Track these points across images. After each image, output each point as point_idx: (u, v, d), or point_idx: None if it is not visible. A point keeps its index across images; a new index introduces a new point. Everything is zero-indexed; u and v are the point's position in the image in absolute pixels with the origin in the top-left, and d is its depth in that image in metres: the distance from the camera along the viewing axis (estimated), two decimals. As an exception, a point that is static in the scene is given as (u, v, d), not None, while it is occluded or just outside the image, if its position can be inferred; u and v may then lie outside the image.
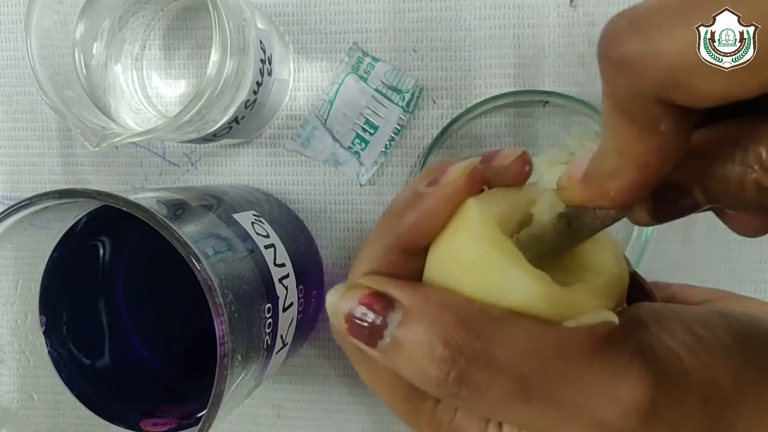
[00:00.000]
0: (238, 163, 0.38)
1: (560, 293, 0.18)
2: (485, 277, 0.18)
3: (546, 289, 0.18)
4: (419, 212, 0.19)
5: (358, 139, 0.36)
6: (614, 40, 0.13)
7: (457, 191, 0.19)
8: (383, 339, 0.18)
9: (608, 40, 0.14)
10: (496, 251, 0.18)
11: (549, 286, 0.18)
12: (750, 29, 0.11)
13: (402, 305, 0.18)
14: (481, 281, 0.18)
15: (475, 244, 0.18)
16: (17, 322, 0.30)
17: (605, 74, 0.14)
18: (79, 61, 0.32)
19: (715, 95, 0.13)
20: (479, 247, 0.18)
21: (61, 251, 0.30)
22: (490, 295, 0.18)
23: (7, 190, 0.40)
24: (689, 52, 0.12)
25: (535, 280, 0.18)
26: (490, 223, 0.18)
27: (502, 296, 0.18)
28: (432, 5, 0.36)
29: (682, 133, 0.14)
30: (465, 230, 0.19)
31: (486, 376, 0.17)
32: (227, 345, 0.24)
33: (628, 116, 0.14)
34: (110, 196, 0.24)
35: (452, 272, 0.19)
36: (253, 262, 0.28)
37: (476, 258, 0.18)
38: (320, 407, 0.38)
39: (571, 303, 0.18)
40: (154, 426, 0.30)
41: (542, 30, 0.35)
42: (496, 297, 0.18)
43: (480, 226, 0.18)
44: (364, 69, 0.36)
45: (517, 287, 0.18)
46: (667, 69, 0.13)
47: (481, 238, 0.18)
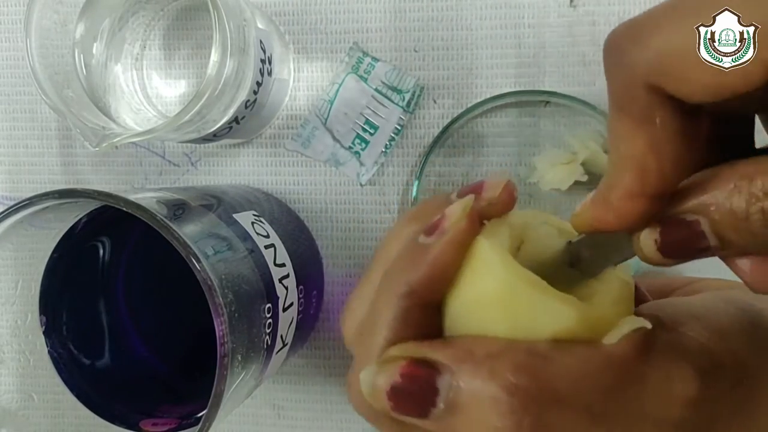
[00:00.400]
0: (238, 163, 0.38)
1: (591, 311, 0.18)
2: (519, 313, 0.18)
3: (579, 311, 0.18)
4: (430, 264, 0.19)
5: (359, 139, 0.36)
6: (612, 41, 0.14)
7: (462, 234, 0.19)
8: (436, 407, 0.17)
9: (608, 42, 0.15)
10: (523, 284, 0.18)
11: (580, 308, 0.18)
12: (750, 29, 0.11)
13: (447, 367, 0.17)
14: (515, 318, 0.18)
15: (502, 283, 0.18)
16: (17, 322, 0.30)
17: (606, 73, 0.15)
18: (79, 61, 0.32)
19: (705, 84, 0.13)
20: (507, 284, 0.18)
21: (61, 251, 0.30)
22: (527, 329, 0.18)
23: (7, 190, 0.40)
24: (678, 41, 0.13)
25: (567, 306, 0.18)
26: (507, 259, 0.18)
27: (540, 328, 0.18)
28: (433, 5, 0.36)
29: (679, 131, 0.14)
30: (486, 271, 0.18)
31: (558, 414, 0.17)
32: (227, 345, 0.24)
33: (623, 110, 0.15)
34: (110, 196, 0.24)
35: (482, 317, 0.18)
36: (253, 262, 0.28)
37: (505, 296, 0.18)
38: (321, 407, 0.38)
39: (600, 318, 0.18)
40: (154, 426, 0.30)
41: (543, 29, 0.35)
42: (535, 330, 0.18)
43: (501, 263, 0.18)
44: (364, 69, 0.36)
45: (554, 316, 0.18)
46: (655, 53, 0.13)
47: (506, 274, 0.18)
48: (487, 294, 0.18)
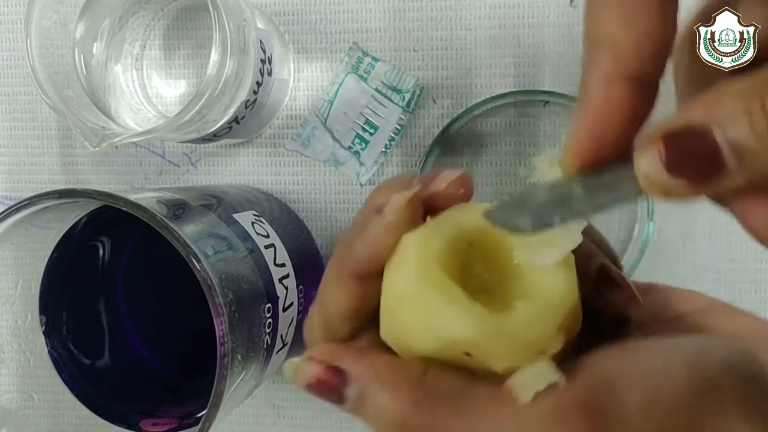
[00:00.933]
0: (238, 163, 0.38)
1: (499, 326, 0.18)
2: (425, 315, 0.18)
3: (480, 324, 0.18)
4: (365, 244, 0.20)
5: (358, 139, 0.36)
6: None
7: (399, 221, 0.19)
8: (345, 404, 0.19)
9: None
10: (431, 291, 0.18)
11: (483, 320, 0.18)
12: (750, 29, 0.11)
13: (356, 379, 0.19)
14: (422, 320, 0.18)
15: (413, 285, 0.19)
16: (17, 322, 0.30)
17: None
18: (79, 61, 0.32)
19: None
20: (416, 288, 0.18)
21: (61, 251, 0.31)
22: (432, 331, 0.18)
23: (7, 190, 0.40)
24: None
25: (469, 316, 0.18)
26: (425, 262, 0.19)
27: (442, 333, 0.18)
28: (432, 5, 0.36)
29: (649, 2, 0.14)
30: (403, 271, 0.19)
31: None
32: (227, 345, 0.24)
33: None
34: (110, 196, 0.24)
35: (398, 312, 0.19)
36: (253, 262, 0.28)
37: (415, 298, 0.19)
38: (320, 406, 0.38)
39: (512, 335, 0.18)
40: (154, 426, 0.30)
41: (542, 30, 0.35)
42: (438, 334, 0.18)
43: (416, 266, 0.19)
44: (364, 69, 0.36)
45: (454, 324, 0.18)
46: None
47: (417, 278, 0.18)
48: (401, 292, 0.19)
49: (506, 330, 0.18)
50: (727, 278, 0.35)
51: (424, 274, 0.19)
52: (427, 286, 0.18)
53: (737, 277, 0.35)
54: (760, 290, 0.35)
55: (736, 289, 0.35)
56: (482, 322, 0.18)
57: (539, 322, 0.18)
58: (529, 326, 0.18)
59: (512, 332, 0.18)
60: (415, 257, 0.19)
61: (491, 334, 0.18)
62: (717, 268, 0.35)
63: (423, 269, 0.19)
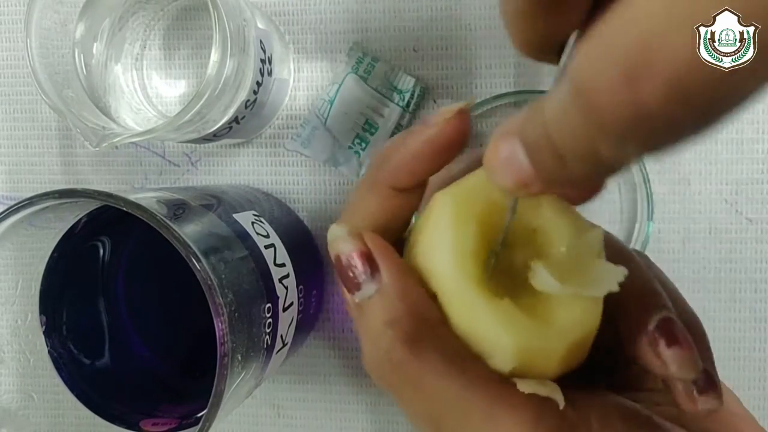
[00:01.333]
0: (238, 163, 0.38)
1: (533, 345, 0.18)
2: (459, 302, 0.19)
3: (519, 342, 0.18)
4: (403, 154, 0.19)
5: (358, 139, 0.36)
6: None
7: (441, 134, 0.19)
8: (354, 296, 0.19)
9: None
10: (469, 290, 0.18)
11: (522, 338, 0.18)
12: (750, 29, 0.11)
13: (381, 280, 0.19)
14: (454, 302, 0.19)
15: (452, 276, 0.18)
16: (17, 322, 0.30)
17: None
18: (79, 61, 0.32)
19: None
20: (455, 279, 0.18)
21: (61, 251, 0.30)
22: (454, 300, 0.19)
23: (7, 190, 0.40)
24: None
25: (509, 336, 0.18)
26: (464, 252, 0.18)
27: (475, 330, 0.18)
28: (432, 5, 0.36)
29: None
30: (440, 246, 0.19)
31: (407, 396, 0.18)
32: (227, 345, 0.24)
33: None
34: (110, 196, 0.24)
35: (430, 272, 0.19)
36: (253, 262, 0.28)
37: (454, 286, 0.18)
38: (320, 406, 0.38)
39: (539, 356, 0.18)
40: (154, 426, 0.30)
41: (542, 30, 0.35)
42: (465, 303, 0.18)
43: (452, 255, 0.18)
44: (364, 69, 0.36)
45: (495, 337, 0.18)
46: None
47: (454, 270, 0.18)
48: (437, 266, 0.19)
49: (540, 352, 0.18)
50: (727, 278, 0.35)
51: (462, 269, 0.18)
52: (466, 281, 0.18)
53: (737, 277, 0.35)
54: (760, 290, 0.35)
55: (736, 289, 0.35)
56: (521, 341, 0.18)
57: (542, 351, 0.18)
58: (565, 334, 0.18)
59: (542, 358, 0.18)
60: (453, 242, 0.18)
61: (526, 353, 0.18)
62: (717, 268, 0.35)
63: (460, 262, 0.18)
